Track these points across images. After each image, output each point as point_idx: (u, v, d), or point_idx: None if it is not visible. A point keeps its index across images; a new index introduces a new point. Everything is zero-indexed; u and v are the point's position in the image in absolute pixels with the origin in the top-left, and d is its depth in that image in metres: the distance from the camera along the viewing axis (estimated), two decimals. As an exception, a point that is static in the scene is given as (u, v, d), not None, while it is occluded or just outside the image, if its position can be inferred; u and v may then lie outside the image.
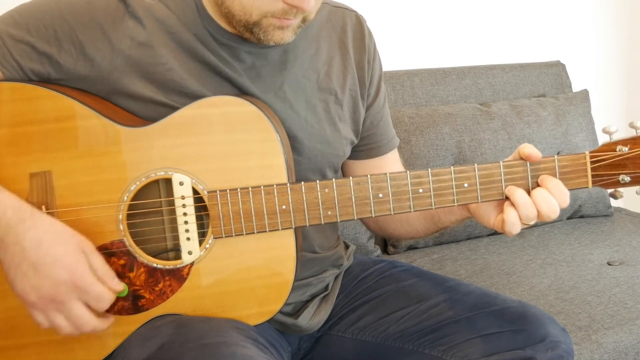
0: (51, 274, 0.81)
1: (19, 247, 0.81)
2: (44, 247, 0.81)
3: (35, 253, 0.81)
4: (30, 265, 0.81)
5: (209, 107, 0.89)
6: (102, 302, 0.84)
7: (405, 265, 1.18)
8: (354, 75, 1.07)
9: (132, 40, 0.91)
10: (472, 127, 1.85)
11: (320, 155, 1.03)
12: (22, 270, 0.81)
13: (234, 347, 0.80)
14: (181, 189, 0.89)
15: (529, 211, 0.89)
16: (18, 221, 0.81)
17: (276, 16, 0.87)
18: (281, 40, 0.90)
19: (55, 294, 0.81)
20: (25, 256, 0.81)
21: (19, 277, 0.81)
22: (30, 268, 0.81)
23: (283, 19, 0.88)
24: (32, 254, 0.81)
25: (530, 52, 2.28)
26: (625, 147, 0.91)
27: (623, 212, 2.09)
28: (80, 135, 0.89)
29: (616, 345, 1.31)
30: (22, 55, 0.89)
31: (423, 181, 0.92)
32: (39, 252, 0.81)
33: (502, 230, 0.93)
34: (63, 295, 0.82)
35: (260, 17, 0.87)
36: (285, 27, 0.89)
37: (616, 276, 1.55)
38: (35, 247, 0.81)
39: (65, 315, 0.83)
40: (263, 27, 0.89)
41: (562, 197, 0.90)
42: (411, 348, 1.04)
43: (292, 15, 0.88)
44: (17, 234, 0.81)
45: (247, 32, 0.90)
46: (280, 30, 0.89)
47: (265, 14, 0.87)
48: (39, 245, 0.81)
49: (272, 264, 0.92)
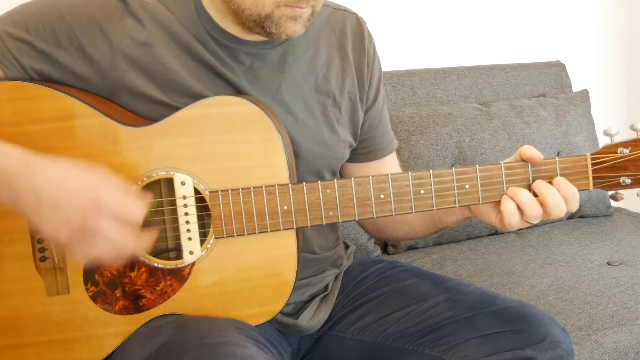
0: (72, 204, 0.78)
1: (32, 192, 0.78)
2: (56, 182, 0.79)
3: (49, 191, 0.78)
4: (49, 205, 0.78)
5: (210, 107, 0.89)
6: (133, 213, 0.81)
7: (405, 265, 1.18)
8: (353, 78, 1.07)
9: (132, 39, 0.92)
10: (472, 127, 1.85)
11: (318, 157, 1.03)
12: (44, 214, 0.79)
13: (234, 347, 0.80)
14: (183, 189, 0.89)
15: (534, 210, 0.90)
16: (25, 166, 0.79)
17: (289, 4, 0.87)
18: (293, 32, 0.90)
19: (83, 222, 0.78)
20: (40, 198, 0.78)
21: (42, 219, 0.79)
22: (50, 208, 0.78)
23: (295, 7, 0.87)
24: (47, 194, 0.78)
25: (530, 52, 2.28)
26: (626, 149, 0.92)
27: (623, 212, 2.09)
28: (82, 134, 0.89)
29: (616, 345, 1.31)
30: (21, 53, 0.89)
31: (424, 182, 0.92)
32: (52, 189, 0.78)
33: (501, 227, 0.93)
34: (94, 220, 0.79)
35: (273, 8, 0.87)
36: (298, 17, 0.89)
37: (616, 276, 1.55)
38: (48, 186, 0.78)
39: (101, 239, 0.79)
40: (275, 19, 0.88)
41: (567, 190, 0.90)
42: (411, 348, 1.04)
43: (304, 3, 0.87)
44: (26, 178, 0.79)
45: (257, 27, 0.90)
46: (293, 21, 0.89)
47: (278, 3, 0.87)
48: (50, 183, 0.79)
49: (273, 264, 0.92)
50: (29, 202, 0.79)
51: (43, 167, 0.79)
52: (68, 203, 0.78)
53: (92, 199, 0.79)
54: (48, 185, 0.78)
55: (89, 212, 0.78)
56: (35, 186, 0.78)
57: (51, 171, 0.79)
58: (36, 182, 0.78)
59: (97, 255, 0.81)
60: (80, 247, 0.80)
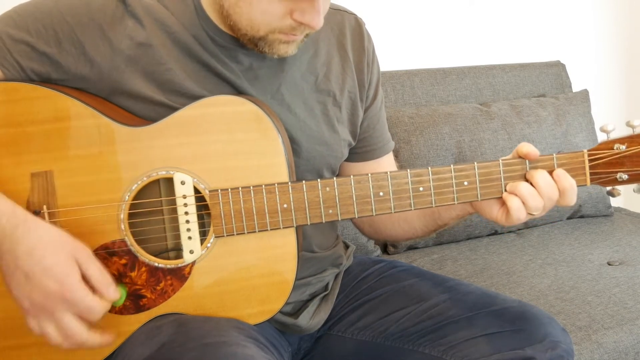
0: (41, 284, 0.80)
1: (13, 256, 0.80)
2: (36, 256, 0.80)
3: (27, 262, 0.80)
4: (22, 273, 0.80)
5: (210, 106, 0.90)
6: (92, 314, 0.83)
7: (405, 265, 1.18)
8: (353, 77, 1.07)
9: (132, 40, 0.92)
10: (472, 127, 1.85)
11: (319, 156, 1.03)
12: (16, 278, 0.81)
13: (234, 346, 0.80)
14: (182, 188, 0.89)
15: (536, 200, 0.90)
16: (12, 228, 0.81)
17: (284, 32, 0.88)
18: (285, 53, 0.92)
19: (44, 303, 0.81)
20: (17, 265, 0.80)
21: (14, 283, 0.81)
22: (23, 276, 0.80)
23: (290, 35, 0.89)
24: (24, 263, 0.80)
25: (530, 52, 2.28)
26: (623, 145, 0.93)
27: (623, 212, 2.09)
28: (81, 134, 0.89)
29: (616, 345, 1.31)
30: (21, 55, 0.89)
31: (423, 179, 0.92)
32: (31, 262, 0.80)
33: (505, 222, 0.94)
34: (52, 306, 0.81)
35: (267, 33, 0.89)
36: (291, 41, 0.90)
37: (616, 276, 1.55)
38: (27, 256, 0.80)
39: (55, 325, 0.82)
40: (269, 42, 0.90)
41: (565, 182, 0.91)
42: (411, 348, 1.04)
43: (299, 32, 0.89)
44: (11, 241, 0.80)
45: (251, 44, 0.92)
46: (286, 44, 0.91)
47: (274, 30, 0.88)
48: (30, 254, 0.80)
49: (273, 263, 0.92)
50: (7, 263, 0.81)
51: (28, 236, 0.81)
52: (38, 281, 0.80)
53: (59, 288, 0.81)
54: (27, 256, 0.80)
55: (51, 299, 0.81)
56: (16, 253, 0.80)
57: (34, 242, 0.81)
58: (17, 250, 0.80)
59: (46, 334, 0.83)
60: (36, 320, 0.83)
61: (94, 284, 0.83)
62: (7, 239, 0.80)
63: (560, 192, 0.92)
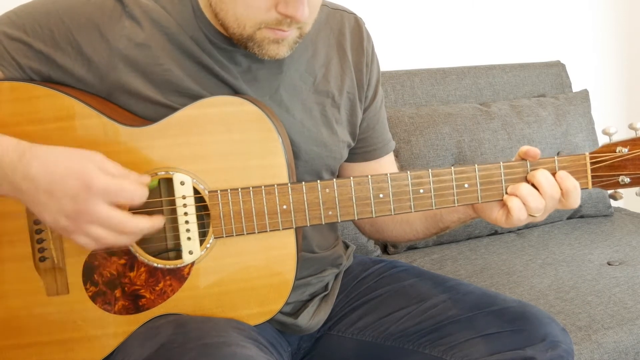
0: (65, 190, 0.79)
1: (29, 180, 0.79)
2: (50, 168, 0.80)
3: (43, 178, 0.79)
4: (44, 192, 0.79)
5: (209, 107, 0.89)
6: (126, 194, 0.81)
7: (405, 265, 1.18)
8: (352, 78, 1.07)
9: (130, 40, 0.91)
10: (472, 127, 1.85)
11: (317, 158, 1.03)
12: (41, 201, 0.80)
13: (234, 347, 0.80)
14: (182, 189, 0.89)
15: (537, 201, 0.90)
16: (20, 156, 0.80)
17: (270, 26, 0.87)
18: (276, 55, 0.90)
19: (76, 205, 0.79)
20: (37, 186, 0.79)
21: (41, 209, 0.80)
22: (46, 194, 0.79)
23: (277, 30, 0.88)
24: (42, 181, 0.79)
25: (530, 52, 2.28)
26: (625, 148, 0.92)
27: (623, 212, 2.09)
28: (81, 134, 0.88)
29: (616, 345, 1.31)
30: (18, 53, 0.90)
31: (423, 181, 0.92)
32: (47, 176, 0.79)
33: (505, 224, 0.93)
34: (84, 204, 0.79)
35: (254, 30, 0.87)
36: (280, 40, 0.89)
37: (616, 276, 1.55)
38: (42, 173, 0.79)
39: (96, 221, 0.80)
40: (257, 41, 0.89)
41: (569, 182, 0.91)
42: (411, 348, 1.04)
43: (286, 26, 0.87)
44: (23, 167, 0.80)
45: (242, 45, 0.91)
46: (276, 44, 0.89)
47: (259, 24, 0.87)
48: (45, 169, 0.79)
49: (272, 264, 0.92)
50: (27, 192, 0.80)
51: (37, 155, 0.80)
52: (61, 188, 0.79)
53: (83, 183, 0.79)
54: (42, 173, 0.79)
55: (80, 197, 0.79)
56: (31, 175, 0.79)
57: (45, 158, 0.80)
58: (32, 171, 0.79)
59: (99, 240, 0.81)
60: (81, 233, 0.81)
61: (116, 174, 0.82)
62: (19, 169, 0.80)
63: (563, 194, 0.91)
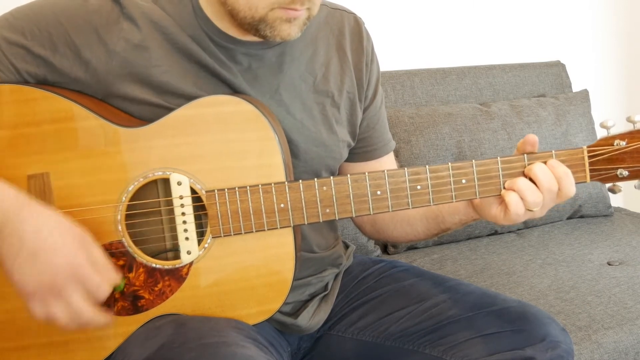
0: (50, 261, 0.79)
1: (17, 237, 0.79)
2: (43, 234, 0.80)
3: (34, 241, 0.79)
4: (29, 253, 0.79)
5: (206, 106, 0.89)
6: (100, 292, 0.83)
7: (405, 265, 1.18)
8: (352, 77, 1.07)
9: (127, 42, 0.91)
10: (472, 127, 1.85)
11: (317, 157, 1.03)
12: (21, 259, 0.79)
13: (233, 347, 0.80)
14: (179, 189, 0.89)
15: (534, 195, 0.89)
16: (17, 210, 0.80)
17: (283, 6, 0.87)
18: (288, 35, 0.90)
19: (54, 281, 0.80)
20: (23, 245, 0.79)
21: (16, 266, 0.80)
22: (30, 256, 0.79)
23: (289, 10, 0.87)
24: (31, 242, 0.79)
25: (530, 52, 2.28)
26: (623, 141, 0.92)
27: (623, 212, 2.08)
28: (78, 136, 0.88)
29: (616, 345, 1.31)
30: (17, 57, 0.89)
31: (421, 178, 0.92)
32: (38, 240, 0.79)
33: (504, 220, 0.93)
34: (62, 283, 0.80)
35: (267, 11, 0.87)
36: (292, 19, 0.88)
37: (616, 276, 1.55)
38: (34, 235, 0.79)
39: (63, 303, 0.81)
40: (269, 22, 0.88)
41: (559, 170, 0.90)
42: (411, 348, 1.03)
43: (299, 4, 0.87)
44: (15, 223, 0.79)
45: (252, 29, 0.90)
46: (288, 23, 0.89)
47: (272, 5, 0.86)
48: (37, 233, 0.80)
49: (271, 263, 0.92)
50: (9, 246, 0.80)
51: (34, 215, 0.80)
52: (47, 258, 0.80)
53: (69, 264, 0.80)
54: (34, 235, 0.79)
55: (61, 276, 0.80)
56: (22, 233, 0.79)
57: (42, 222, 0.81)
58: (23, 229, 0.79)
59: (53, 316, 0.82)
60: (42, 303, 0.81)
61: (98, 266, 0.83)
62: (10, 222, 0.79)
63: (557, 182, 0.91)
